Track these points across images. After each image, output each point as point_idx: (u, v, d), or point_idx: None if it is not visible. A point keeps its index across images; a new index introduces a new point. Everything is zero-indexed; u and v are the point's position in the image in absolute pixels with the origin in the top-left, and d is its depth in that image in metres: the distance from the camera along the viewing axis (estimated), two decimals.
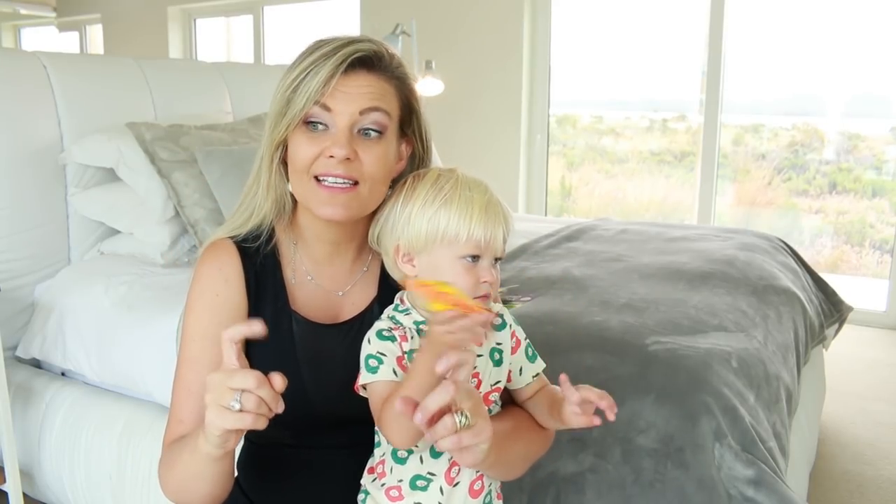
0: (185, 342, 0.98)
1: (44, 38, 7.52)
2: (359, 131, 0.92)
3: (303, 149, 0.92)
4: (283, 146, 0.96)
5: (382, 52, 0.94)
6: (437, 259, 0.91)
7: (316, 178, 0.92)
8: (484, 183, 0.94)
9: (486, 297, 0.91)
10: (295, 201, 1.00)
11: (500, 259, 0.94)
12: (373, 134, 0.92)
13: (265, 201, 0.99)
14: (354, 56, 0.90)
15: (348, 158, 0.90)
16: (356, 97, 0.91)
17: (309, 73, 0.90)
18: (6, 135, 1.96)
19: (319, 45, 0.92)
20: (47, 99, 2.06)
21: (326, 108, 0.90)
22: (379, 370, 0.87)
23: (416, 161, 1.02)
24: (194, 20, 5.99)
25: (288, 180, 0.98)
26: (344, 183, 0.91)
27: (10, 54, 2.57)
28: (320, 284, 1.02)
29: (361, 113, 0.91)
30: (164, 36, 5.86)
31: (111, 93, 2.26)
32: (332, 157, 0.90)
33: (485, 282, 0.90)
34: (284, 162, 0.97)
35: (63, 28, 6.91)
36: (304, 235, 1.01)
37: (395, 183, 0.98)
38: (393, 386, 0.87)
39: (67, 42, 6.94)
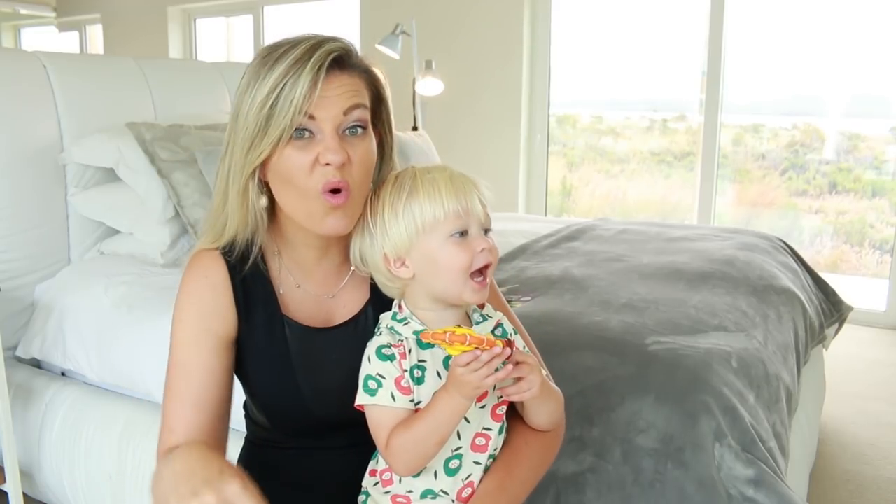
0: (173, 349, 0.97)
1: (44, 38, 7.52)
2: (344, 130, 0.90)
3: (295, 161, 0.88)
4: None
5: (350, 48, 0.91)
6: (428, 250, 0.89)
7: (326, 192, 0.88)
8: (442, 164, 0.93)
9: (488, 266, 0.89)
10: (272, 212, 0.97)
11: (488, 230, 0.92)
12: (358, 131, 0.90)
13: (235, 221, 0.94)
14: (330, 57, 0.87)
15: (344, 163, 0.88)
16: (338, 99, 0.88)
17: (285, 84, 0.85)
18: (6, 135, 1.96)
19: (281, 51, 0.87)
20: (47, 99, 2.06)
21: (311, 117, 0.87)
22: (377, 393, 0.87)
23: (386, 149, 1.00)
24: (194, 20, 5.99)
25: (263, 194, 0.93)
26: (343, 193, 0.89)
27: (10, 54, 2.56)
28: (309, 290, 1.01)
29: (345, 113, 0.89)
30: (164, 36, 5.86)
31: (111, 93, 2.26)
32: (327, 164, 0.87)
33: (482, 250, 0.88)
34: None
35: (63, 28, 6.91)
36: (291, 242, 0.99)
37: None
38: (397, 414, 0.86)
39: (67, 42, 6.94)
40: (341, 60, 0.90)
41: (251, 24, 5.58)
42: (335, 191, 0.88)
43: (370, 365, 0.88)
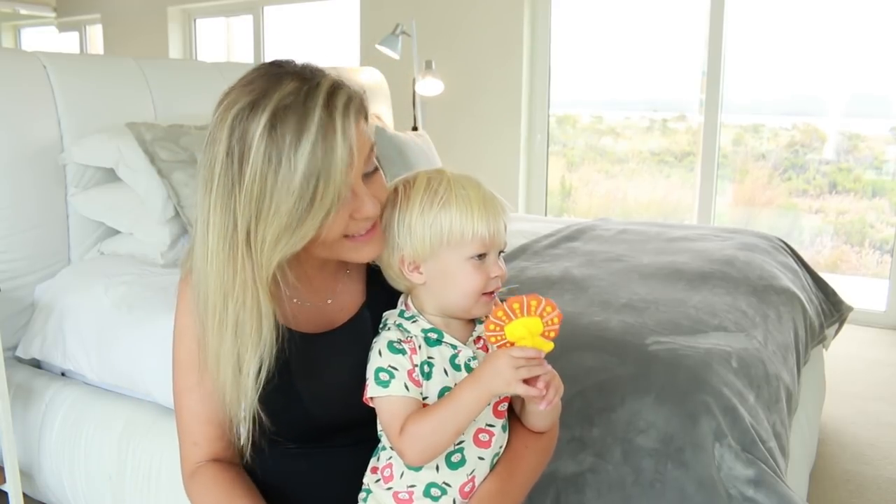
0: (178, 372, 0.98)
1: (44, 38, 7.52)
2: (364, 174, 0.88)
3: (333, 228, 0.85)
4: None
5: (351, 86, 0.85)
6: (445, 262, 0.90)
7: (348, 236, 0.89)
8: (475, 178, 0.93)
9: (496, 290, 0.92)
10: None
11: (502, 252, 0.93)
12: (374, 167, 0.90)
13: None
14: (353, 113, 0.82)
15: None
16: (361, 149, 0.85)
17: (325, 154, 0.79)
18: (6, 135, 1.96)
19: (296, 111, 0.80)
20: (47, 99, 2.06)
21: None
22: (391, 384, 0.87)
23: None
24: (194, 20, 5.99)
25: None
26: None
27: (10, 54, 2.56)
28: (305, 299, 1.00)
29: (366, 162, 0.87)
30: (164, 36, 5.86)
31: (111, 93, 2.26)
32: (365, 217, 0.87)
33: (495, 276, 0.91)
34: None
35: (63, 28, 6.91)
36: (296, 260, 0.94)
37: None
38: (410, 403, 0.87)
39: (67, 42, 6.94)
40: (351, 105, 0.84)
41: (251, 25, 5.58)
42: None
43: (381, 358, 0.89)
